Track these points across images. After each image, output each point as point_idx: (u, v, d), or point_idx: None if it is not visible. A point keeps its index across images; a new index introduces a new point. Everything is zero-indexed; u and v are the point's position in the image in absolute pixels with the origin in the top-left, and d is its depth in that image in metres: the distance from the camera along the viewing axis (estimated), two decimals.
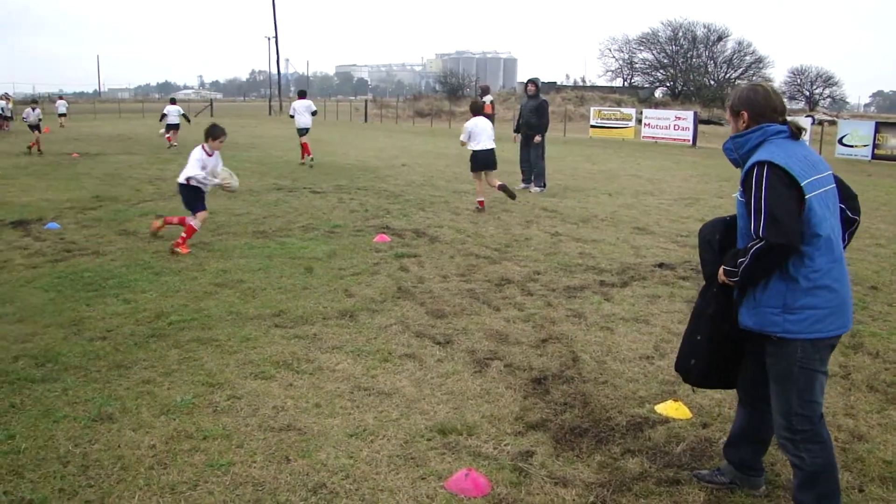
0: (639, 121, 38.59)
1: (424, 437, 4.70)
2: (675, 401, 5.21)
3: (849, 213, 3.74)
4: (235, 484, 4.12)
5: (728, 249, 3.66)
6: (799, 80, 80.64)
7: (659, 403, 5.24)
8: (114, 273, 8.54)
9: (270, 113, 71.23)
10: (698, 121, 33.81)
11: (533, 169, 16.59)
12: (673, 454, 4.56)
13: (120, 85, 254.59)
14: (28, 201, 13.97)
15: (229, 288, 8.02)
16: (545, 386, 5.56)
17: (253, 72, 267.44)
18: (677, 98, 69.17)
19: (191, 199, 10.09)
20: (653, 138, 35.47)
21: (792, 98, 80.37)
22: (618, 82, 77.94)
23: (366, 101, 72.45)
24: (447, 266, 9.18)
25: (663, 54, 77.39)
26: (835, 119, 44.53)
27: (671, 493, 4.12)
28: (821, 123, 37.30)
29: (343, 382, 5.53)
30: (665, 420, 5.03)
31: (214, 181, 10.11)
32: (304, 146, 21.92)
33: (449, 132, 43.02)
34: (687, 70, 75.29)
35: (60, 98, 49.53)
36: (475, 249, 10.16)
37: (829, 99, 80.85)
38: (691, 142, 33.48)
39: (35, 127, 25.74)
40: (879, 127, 28.01)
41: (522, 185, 16.78)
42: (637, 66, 79.54)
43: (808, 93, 79.98)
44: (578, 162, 24.28)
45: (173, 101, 29.88)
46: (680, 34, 75.98)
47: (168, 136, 28.21)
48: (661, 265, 9.36)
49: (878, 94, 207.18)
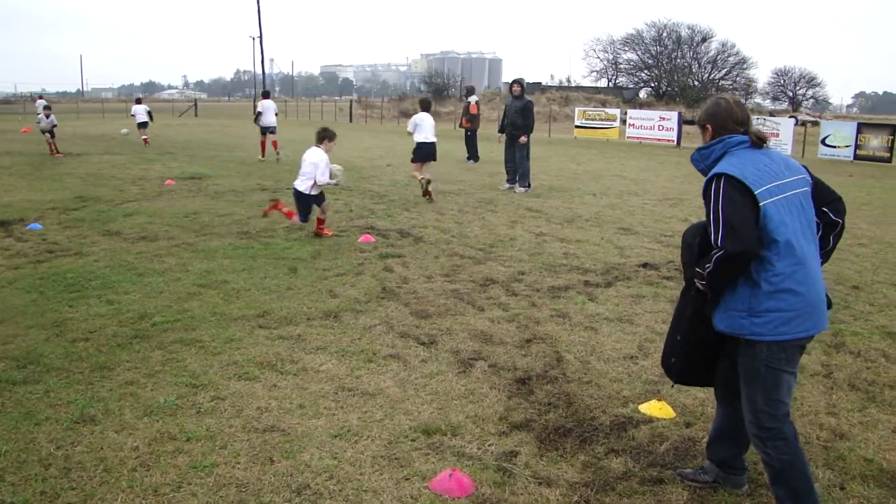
0: (623, 121, 38.70)
1: (408, 438, 4.70)
2: (659, 400, 5.23)
3: (831, 216, 3.80)
4: (219, 485, 4.10)
5: (706, 250, 3.71)
6: (782, 81, 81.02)
7: (643, 403, 5.26)
8: (97, 274, 8.50)
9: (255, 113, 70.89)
10: (682, 121, 33.89)
11: (518, 169, 16.61)
12: (657, 453, 4.58)
13: (103, 84, 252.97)
14: (10, 201, 13.87)
15: (213, 289, 7.99)
16: (529, 386, 5.57)
17: (237, 72, 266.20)
18: (662, 98, 69.44)
19: (305, 207, 10.86)
20: (637, 139, 35.57)
21: (775, 99, 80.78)
22: (602, 83, 78.18)
23: (351, 102, 72.29)
24: (431, 266, 9.18)
25: (648, 55, 77.68)
26: (818, 120, 44.78)
27: (655, 493, 4.13)
28: (804, 124, 37.50)
29: (327, 383, 5.53)
30: (649, 420, 5.05)
31: (332, 181, 10.70)
32: (264, 144, 23.39)
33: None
34: (671, 71, 75.60)
35: (40, 98, 49.21)
36: (460, 250, 10.16)
37: (813, 100, 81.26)
38: (676, 142, 33.57)
39: (49, 132, 24.21)
40: (861, 128, 28.19)
41: (507, 186, 16.80)
42: (621, 67, 79.82)
43: (792, 93, 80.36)
44: (563, 162, 24.32)
45: (139, 101, 31.36)
46: (664, 35, 76.32)
47: (145, 138, 28.82)
48: (646, 265, 9.39)
49: (861, 96, 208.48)
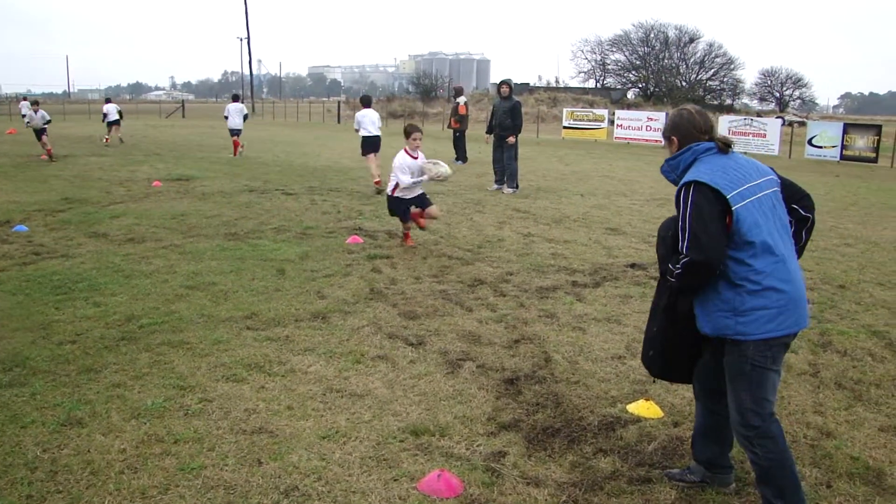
0: (611, 122, 38.83)
1: (397, 439, 4.70)
2: (647, 400, 5.24)
3: (801, 212, 3.90)
4: (207, 487, 4.09)
5: (677, 250, 3.75)
6: (769, 82, 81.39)
7: (631, 403, 5.27)
8: (83, 276, 8.46)
9: None
10: None
11: (506, 170, 16.63)
12: (644, 453, 4.59)
13: (90, 85, 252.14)
14: None
15: (201, 290, 7.97)
16: (517, 386, 5.58)
17: (225, 73, 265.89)
18: (649, 99, 69.62)
19: (396, 209, 10.39)
20: (625, 139, 35.67)
21: (763, 99, 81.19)
22: (590, 83, 78.32)
23: (338, 103, 72.29)
24: (420, 267, 9.18)
25: (635, 56, 77.91)
26: (804, 120, 45.10)
27: (643, 492, 4.14)
28: (791, 124, 37.73)
29: (315, 384, 5.52)
30: (637, 419, 5.06)
31: (423, 178, 10.21)
32: (236, 143, 24.67)
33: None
34: (659, 71, 75.82)
35: (24, 99, 48.95)
36: (448, 250, 10.17)
37: (799, 100, 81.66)
38: (663, 143, 33.64)
39: (41, 131, 22.71)
40: (848, 128, 28.41)
41: (495, 187, 16.81)
42: (609, 68, 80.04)
43: (779, 94, 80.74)
44: (551, 163, 24.36)
45: (108, 101, 32.98)
46: (652, 36, 76.55)
47: (107, 138, 29.63)
48: (633, 265, 9.42)
49: (847, 96, 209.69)
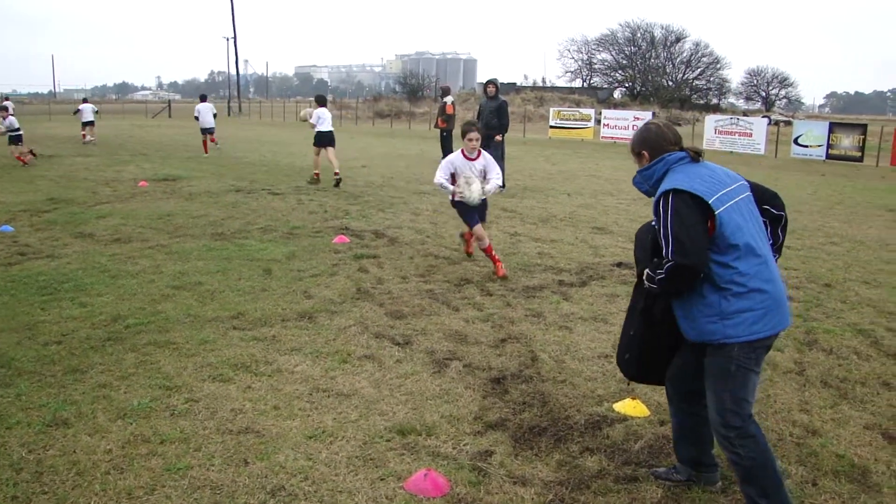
0: (598, 121, 38.96)
1: (383, 438, 4.70)
2: (633, 399, 5.26)
3: (774, 211, 3.95)
4: (193, 488, 4.08)
5: (658, 250, 3.78)
6: (755, 81, 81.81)
7: (617, 402, 5.29)
8: (69, 276, 8.42)
9: (229, 114, 70.75)
10: None
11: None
12: (631, 452, 4.60)
13: (76, 85, 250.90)
14: None
15: (187, 290, 7.94)
16: (504, 385, 5.58)
17: (212, 72, 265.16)
18: (636, 99, 69.87)
19: (461, 214, 8.89)
20: (612, 138, 35.77)
21: (749, 98, 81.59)
22: (577, 83, 78.57)
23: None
24: (406, 267, 9.18)
25: (622, 55, 78.16)
26: (790, 119, 45.32)
27: (629, 491, 4.16)
28: (777, 124, 37.91)
29: (302, 384, 5.51)
30: (623, 418, 5.07)
31: (459, 191, 8.54)
32: (213, 140, 26.55)
33: (409, 133, 43.05)
34: (645, 71, 76.10)
35: (6, 99, 48.81)
36: (434, 250, 10.17)
37: (785, 100, 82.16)
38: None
39: (16, 139, 21.62)
40: (833, 127, 28.56)
41: None
42: (596, 67, 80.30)
43: (765, 93, 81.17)
44: (538, 162, 24.39)
45: (85, 101, 33.51)
46: (638, 35, 76.84)
47: (83, 134, 30.44)
48: (620, 264, 9.44)
49: (832, 96, 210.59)
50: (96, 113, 31.67)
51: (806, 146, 28.55)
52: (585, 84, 77.80)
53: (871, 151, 27.43)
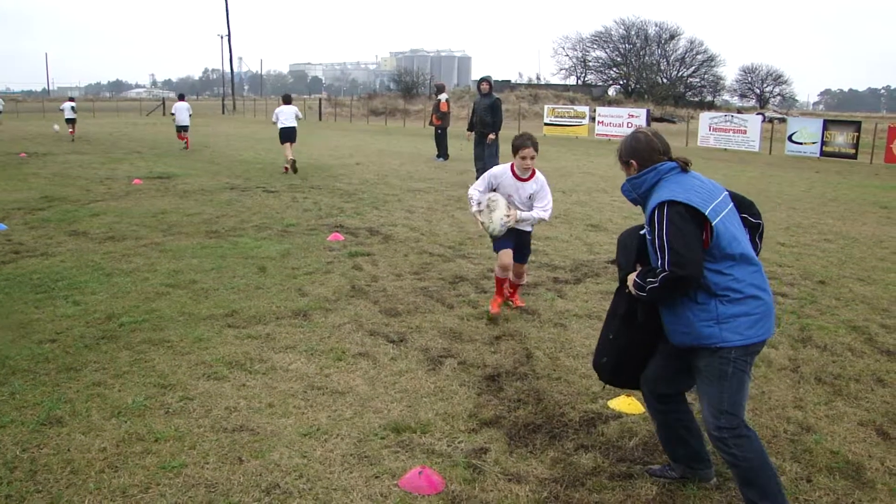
0: (592, 118, 38.91)
1: (378, 436, 4.70)
2: (628, 396, 5.26)
3: (752, 220, 3.96)
4: (188, 486, 4.08)
5: (642, 256, 3.82)
6: (750, 79, 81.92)
7: (612, 399, 5.29)
8: (63, 274, 8.40)
9: (224, 112, 70.66)
10: (651, 118, 34.14)
11: (487, 167, 16.62)
12: (626, 449, 4.61)
13: (70, 83, 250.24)
14: None
15: (181, 288, 7.93)
16: (499, 383, 5.59)
17: (206, 70, 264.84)
18: (630, 96, 69.94)
19: (494, 245, 7.21)
20: (606, 136, 35.75)
21: (743, 96, 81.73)
22: (571, 80, 78.62)
23: (320, 100, 72.11)
24: (401, 264, 9.18)
25: (616, 52, 78.23)
26: (785, 117, 45.42)
27: (624, 488, 4.16)
28: (771, 121, 37.99)
29: (296, 382, 5.51)
30: (618, 415, 5.08)
31: (479, 216, 6.91)
32: (186, 139, 27.15)
33: (403, 131, 43.02)
34: (640, 68, 76.16)
35: None
36: (429, 247, 10.17)
37: (780, 97, 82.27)
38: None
39: None
40: (827, 125, 28.60)
41: None
42: (590, 65, 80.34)
43: (759, 91, 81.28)
44: None
45: (71, 99, 34.89)
46: (633, 33, 76.91)
47: (71, 131, 31.27)
48: (614, 262, 9.44)
49: (826, 93, 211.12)
50: (74, 110, 32.33)
51: (800, 143, 28.59)
52: (580, 81, 77.85)
53: (865, 149, 27.49)
